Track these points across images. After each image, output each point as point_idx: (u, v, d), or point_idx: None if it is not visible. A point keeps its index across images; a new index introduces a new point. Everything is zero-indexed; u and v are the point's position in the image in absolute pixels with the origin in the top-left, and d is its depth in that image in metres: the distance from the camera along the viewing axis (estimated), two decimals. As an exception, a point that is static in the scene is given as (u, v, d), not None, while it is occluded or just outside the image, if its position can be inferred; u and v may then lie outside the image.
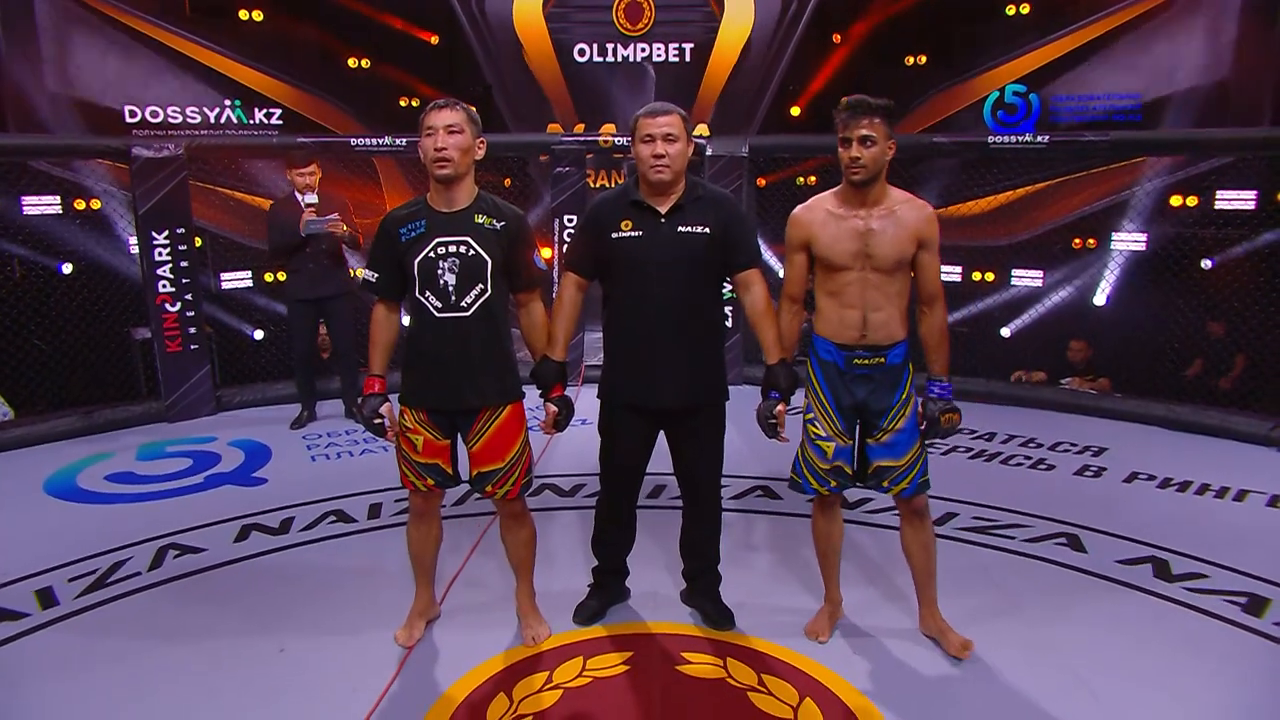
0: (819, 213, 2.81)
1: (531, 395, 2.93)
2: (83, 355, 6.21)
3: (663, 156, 2.72)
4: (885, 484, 2.90)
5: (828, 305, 2.83)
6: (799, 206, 2.88)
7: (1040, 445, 5.15)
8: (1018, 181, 7.80)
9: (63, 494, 4.52)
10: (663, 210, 2.80)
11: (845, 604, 3.18)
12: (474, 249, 2.70)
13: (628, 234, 2.81)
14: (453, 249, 2.69)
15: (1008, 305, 7.64)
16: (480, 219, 2.73)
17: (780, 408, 2.84)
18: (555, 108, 9.95)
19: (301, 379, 5.63)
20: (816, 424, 2.88)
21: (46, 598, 3.37)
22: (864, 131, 2.64)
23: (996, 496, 4.28)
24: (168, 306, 5.61)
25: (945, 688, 2.76)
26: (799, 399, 2.92)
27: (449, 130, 2.64)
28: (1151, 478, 4.60)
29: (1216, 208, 6.57)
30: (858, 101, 2.67)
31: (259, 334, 7.23)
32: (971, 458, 4.95)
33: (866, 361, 2.80)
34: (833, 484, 2.92)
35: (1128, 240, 6.81)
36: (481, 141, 2.74)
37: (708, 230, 2.80)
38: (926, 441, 2.89)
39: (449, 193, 2.71)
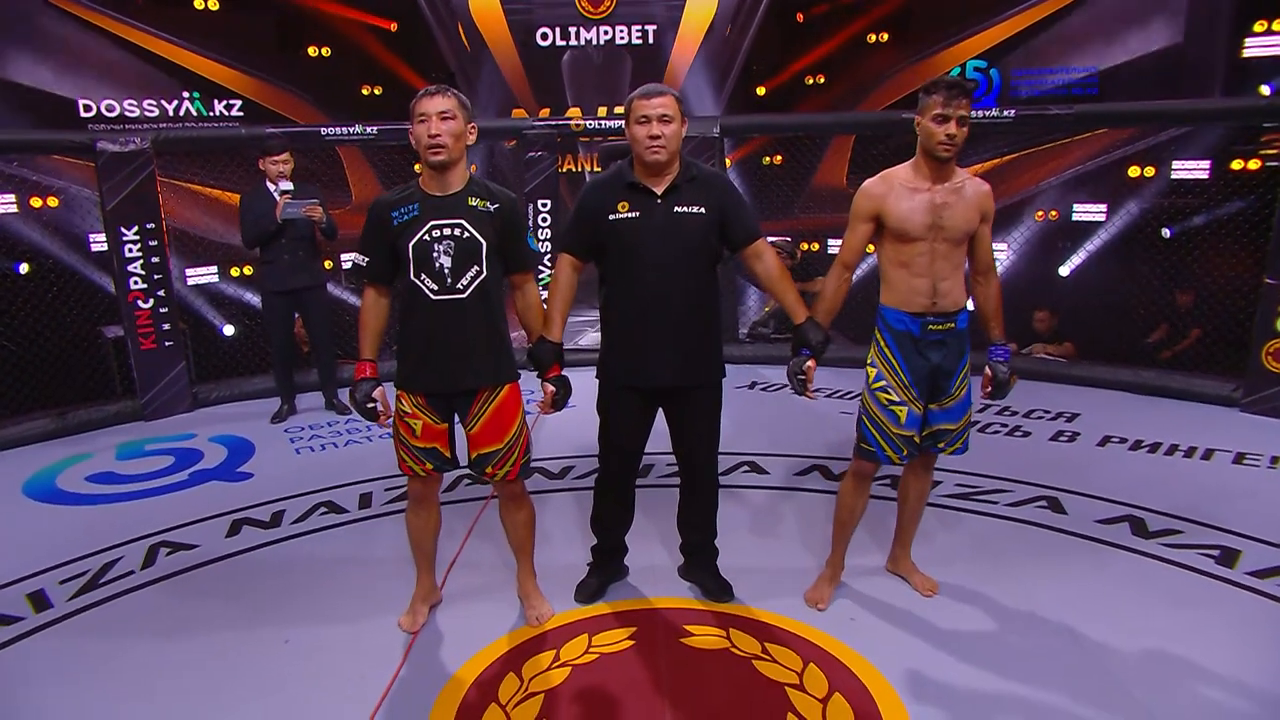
0: (892, 185, 2.88)
1: (528, 379, 2.95)
2: (53, 355, 6.07)
3: (658, 137, 2.74)
4: (941, 444, 3.04)
5: (897, 276, 2.91)
6: (870, 179, 2.94)
7: (1015, 413, 5.29)
8: (979, 157, 7.95)
9: (43, 496, 4.44)
10: (659, 191, 2.83)
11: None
12: (468, 231, 2.71)
13: (624, 216, 2.83)
14: (447, 231, 2.70)
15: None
16: (474, 201, 2.73)
17: (810, 364, 2.90)
18: (517, 93, 9.91)
19: (280, 372, 5.57)
20: (890, 390, 2.95)
21: (39, 601, 3.33)
22: (963, 112, 2.73)
23: (977, 464, 4.37)
24: (140, 304, 5.51)
25: (942, 647, 2.85)
26: (830, 377, 2.96)
27: (442, 116, 2.64)
28: (1123, 440, 4.75)
29: (1173, 178, 6.77)
30: (959, 82, 2.76)
31: (229, 329, 7.15)
32: (949, 427, 5.07)
33: (940, 327, 2.90)
34: (904, 452, 3.00)
35: (1089, 211, 7.00)
36: (473, 127, 2.75)
37: (703, 210, 2.83)
38: (993, 401, 3.04)
39: (442, 177, 2.71)
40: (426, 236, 2.69)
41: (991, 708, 2.55)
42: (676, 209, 2.82)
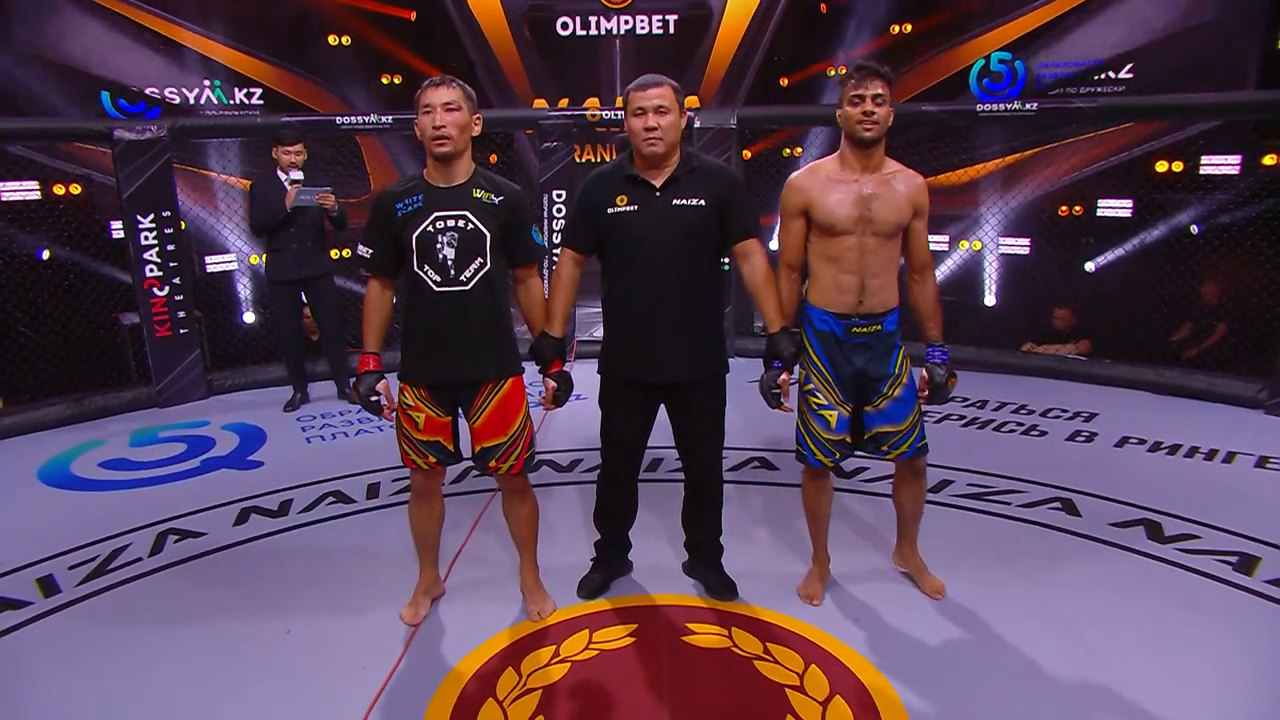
0: (819, 177, 2.82)
1: (530, 372, 2.93)
2: (71, 342, 6.14)
3: (655, 129, 2.70)
4: (884, 448, 2.95)
5: (825, 272, 2.85)
6: (796, 172, 2.89)
7: (1032, 412, 5.20)
8: (1000, 150, 7.83)
9: (57, 482, 4.49)
10: (658, 184, 2.78)
11: (845, 571, 3.24)
12: (472, 223, 2.69)
13: (623, 209, 2.79)
14: (451, 223, 2.68)
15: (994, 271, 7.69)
16: (478, 193, 2.71)
17: (784, 377, 2.86)
18: (536, 83, 9.89)
19: (292, 361, 5.60)
20: (818, 394, 2.91)
21: (48, 586, 3.36)
22: (878, 90, 2.69)
23: (990, 463, 4.33)
24: (155, 291, 5.55)
25: (947, 650, 2.80)
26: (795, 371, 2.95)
27: (446, 108, 2.62)
28: (1142, 441, 4.66)
29: (1202, 173, 6.63)
30: (868, 64, 2.72)
31: (250, 317, 7.19)
32: (964, 425, 5.00)
33: (864, 329, 2.83)
34: (837, 455, 2.95)
35: (1114, 207, 6.87)
36: (478, 118, 2.73)
37: (703, 203, 2.79)
38: (929, 405, 2.94)
39: (447, 169, 2.70)
40: (430, 228, 2.68)
41: (995, 716, 2.50)
42: (675, 201, 2.78)
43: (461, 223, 2.68)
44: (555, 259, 6.27)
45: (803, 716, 2.49)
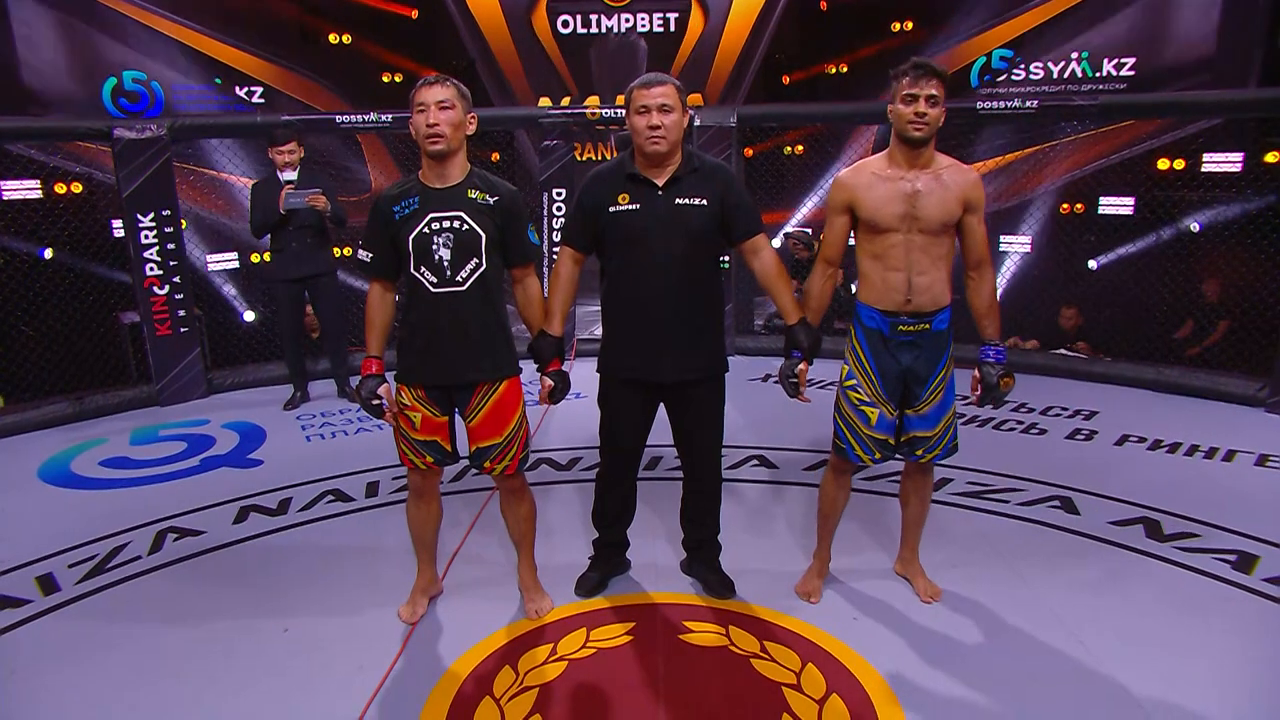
0: (864, 175, 2.80)
1: (527, 370, 2.93)
2: (71, 340, 6.14)
3: (658, 128, 2.69)
4: (919, 452, 2.94)
5: (872, 269, 2.82)
6: (844, 169, 2.87)
7: (1032, 410, 5.20)
8: (1004, 147, 7.82)
9: (58, 480, 4.50)
10: (660, 183, 2.78)
11: (843, 569, 3.24)
12: (468, 223, 2.69)
13: (625, 208, 2.79)
14: (447, 224, 2.68)
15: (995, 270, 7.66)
16: (473, 194, 2.71)
17: (802, 366, 2.84)
18: (534, 81, 9.90)
19: (292, 360, 5.60)
20: (859, 389, 2.88)
21: (48, 584, 3.37)
22: (932, 91, 2.65)
23: (990, 461, 4.32)
24: (156, 289, 5.56)
25: (944, 649, 2.80)
26: (819, 368, 2.88)
27: (440, 106, 2.61)
28: (1142, 440, 4.65)
29: (1204, 170, 6.61)
30: (925, 62, 2.68)
31: (249, 315, 7.19)
32: (964, 424, 4.98)
33: (911, 328, 2.80)
34: (878, 455, 2.92)
35: (1115, 205, 6.84)
36: (473, 116, 2.72)
37: (705, 202, 2.78)
38: (980, 407, 2.90)
39: (442, 169, 2.70)
40: (426, 229, 2.68)
41: (991, 715, 2.50)
42: (678, 201, 2.77)
43: (457, 224, 2.68)
44: (555, 257, 6.30)
45: (799, 715, 2.49)
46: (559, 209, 6.56)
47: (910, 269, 2.76)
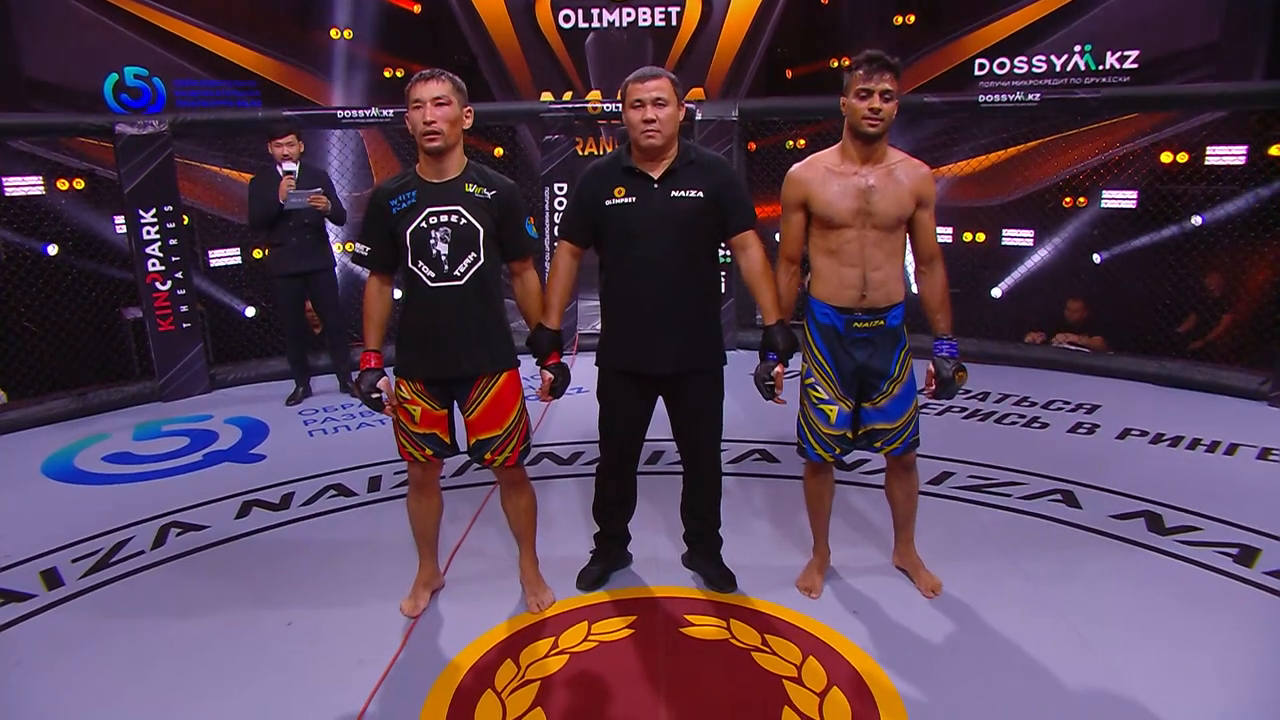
0: (818, 170, 2.79)
1: (528, 365, 2.93)
2: (74, 337, 6.16)
3: (653, 121, 2.69)
4: (877, 444, 2.94)
5: (826, 265, 2.82)
6: (796, 165, 2.86)
7: (1034, 404, 5.19)
8: (1005, 140, 7.79)
9: (61, 475, 4.52)
10: (655, 176, 2.78)
11: (844, 563, 3.25)
12: (465, 218, 2.69)
13: (621, 200, 2.79)
14: (444, 218, 2.68)
15: (998, 265, 7.66)
16: (470, 188, 2.72)
17: (778, 369, 2.84)
18: (534, 76, 9.88)
19: (294, 355, 5.62)
20: (818, 387, 2.89)
21: (52, 578, 3.38)
22: (886, 85, 2.63)
23: (992, 455, 4.32)
24: (158, 285, 5.57)
25: (944, 642, 2.80)
26: (796, 362, 2.93)
27: (436, 102, 2.61)
28: (1144, 433, 4.65)
29: (1207, 163, 6.58)
30: (879, 56, 2.65)
31: (250, 311, 7.20)
32: (966, 418, 4.99)
33: (866, 324, 2.81)
34: (837, 450, 2.93)
35: (1118, 198, 6.81)
36: (469, 111, 2.72)
37: (701, 195, 2.78)
38: (934, 400, 2.91)
39: (439, 163, 2.70)
40: (424, 224, 2.68)
41: (991, 708, 2.50)
42: (674, 193, 2.77)
43: (454, 218, 2.69)
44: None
45: (800, 708, 2.49)
46: (560, 204, 6.56)
47: (865, 264, 2.76)
